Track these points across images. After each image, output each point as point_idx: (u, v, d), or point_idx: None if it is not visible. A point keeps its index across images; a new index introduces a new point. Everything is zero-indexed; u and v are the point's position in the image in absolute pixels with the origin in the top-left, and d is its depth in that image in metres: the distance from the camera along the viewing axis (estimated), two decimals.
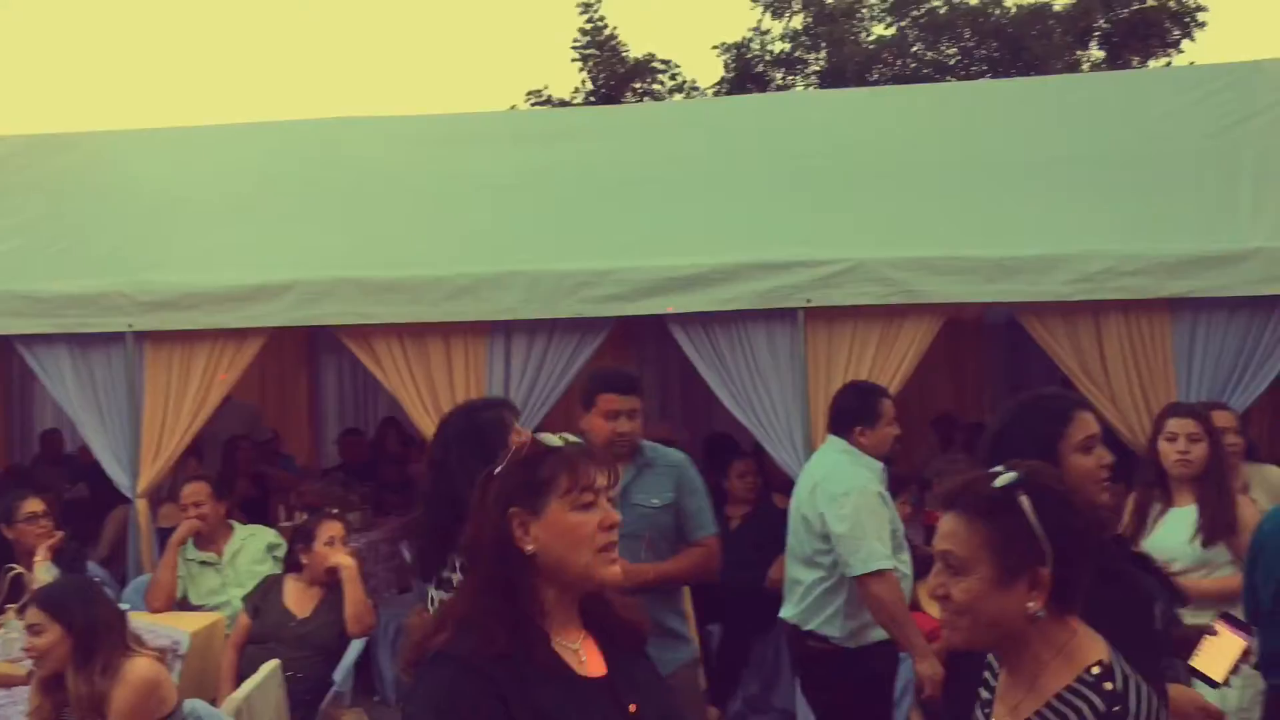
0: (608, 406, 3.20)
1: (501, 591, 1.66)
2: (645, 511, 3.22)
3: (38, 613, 2.96)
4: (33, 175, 6.79)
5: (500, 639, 1.62)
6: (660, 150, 6.59)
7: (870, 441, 3.54)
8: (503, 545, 1.66)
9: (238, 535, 4.84)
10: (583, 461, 1.70)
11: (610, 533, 1.69)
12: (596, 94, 18.12)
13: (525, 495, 1.67)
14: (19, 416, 9.16)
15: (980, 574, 1.59)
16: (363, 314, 5.04)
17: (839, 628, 3.41)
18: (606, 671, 1.72)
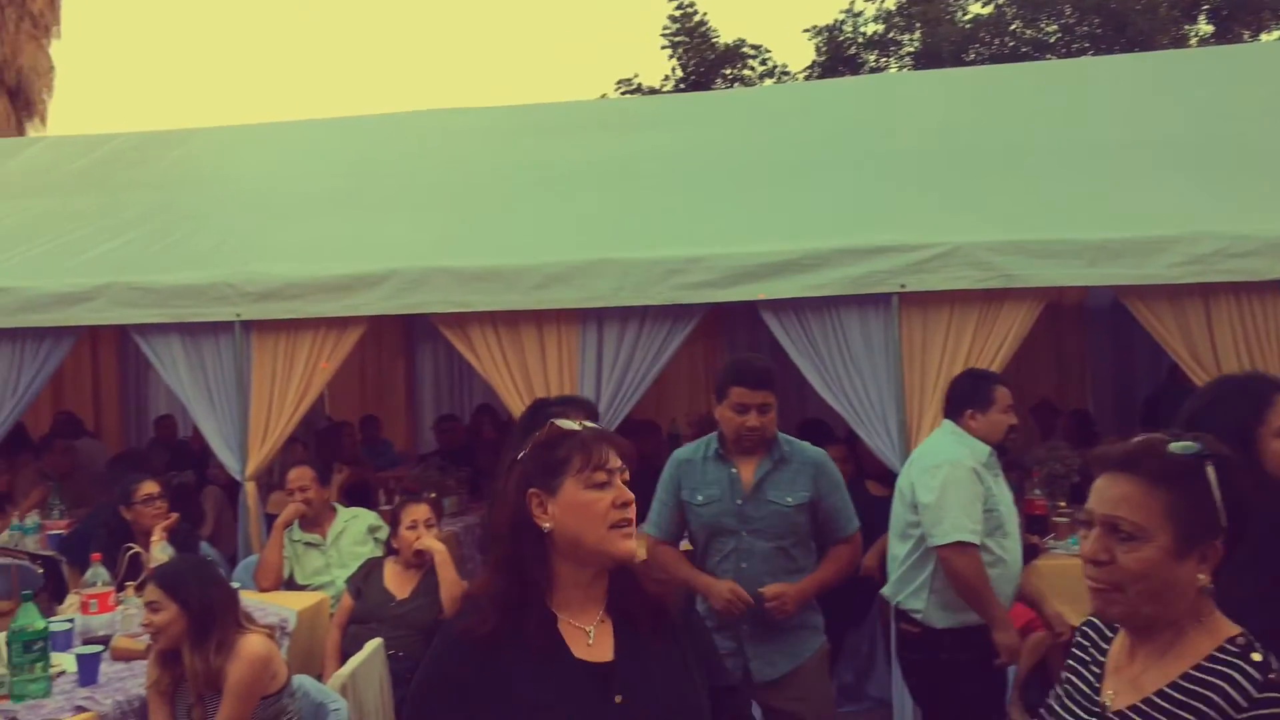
0: (738, 400, 3.18)
1: (512, 571, 1.73)
2: (779, 509, 3.20)
3: (156, 590, 3.09)
4: (145, 171, 7.08)
5: (491, 619, 1.69)
6: (751, 136, 6.57)
7: (980, 426, 3.48)
8: (521, 525, 1.73)
9: (340, 518, 4.98)
10: (596, 443, 1.76)
11: (624, 510, 1.73)
12: (686, 81, 18.09)
13: (543, 476, 1.75)
14: (134, 402, 9.57)
15: (1158, 542, 1.51)
16: (458, 302, 5.12)
17: (924, 601, 3.37)
18: (612, 658, 1.73)
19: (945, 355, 4.63)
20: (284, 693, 3.14)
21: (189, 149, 7.47)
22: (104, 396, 9.38)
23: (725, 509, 3.18)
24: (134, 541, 4.49)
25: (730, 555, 3.18)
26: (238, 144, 7.64)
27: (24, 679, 3.21)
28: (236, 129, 7.95)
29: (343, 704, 3.16)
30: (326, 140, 7.42)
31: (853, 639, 5.12)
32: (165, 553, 4.32)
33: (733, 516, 3.17)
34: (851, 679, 5.10)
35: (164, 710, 3.09)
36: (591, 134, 6.86)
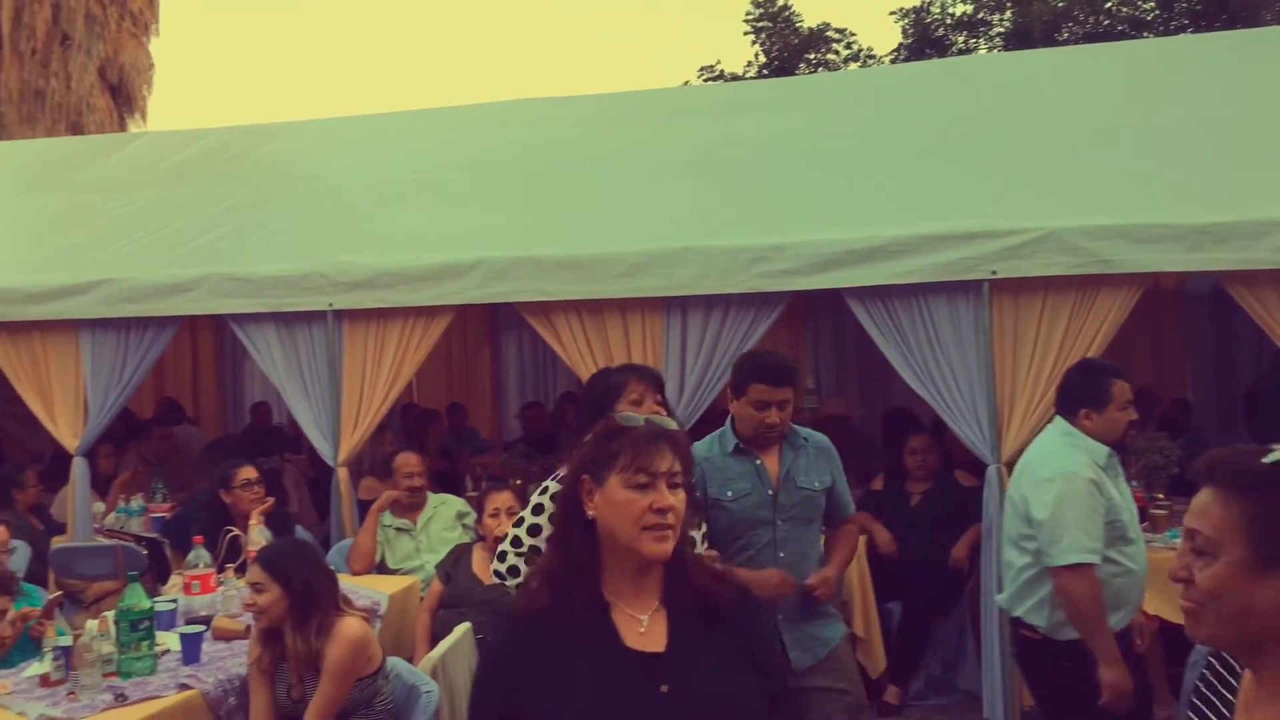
0: (758, 396, 3.14)
1: (565, 550, 1.78)
2: (810, 494, 3.20)
3: (260, 572, 3.18)
4: (240, 165, 7.27)
5: (543, 598, 1.74)
6: (836, 122, 6.49)
7: (1096, 425, 3.30)
8: (573, 507, 1.78)
9: (430, 504, 5.07)
10: (647, 444, 1.76)
11: (661, 515, 1.72)
12: (770, 67, 17.94)
13: (595, 464, 1.78)
14: (232, 389, 9.87)
15: (1230, 557, 1.37)
16: (543, 291, 5.16)
17: (1045, 618, 3.23)
18: (664, 648, 1.73)
19: (1038, 344, 4.52)
20: (379, 674, 3.22)
21: (282, 142, 7.65)
22: (202, 383, 9.69)
23: (758, 500, 3.15)
24: (233, 525, 4.64)
25: (767, 546, 3.15)
26: (329, 137, 7.80)
27: (131, 657, 3.34)
28: (327, 122, 8.12)
29: (434, 687, 3.23)
30: (414, 132, 7.53)
31: (940, 630, 5.05)
32: (263, 536, 4.45)
33: (767, 507, 3.15)
34: (939, 670, 5.04)
35: (264, 689, 3.19)
36: (675, 122, 6.85)
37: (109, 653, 3.34)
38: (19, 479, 5.83)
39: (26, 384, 5.90)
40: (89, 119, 14.28)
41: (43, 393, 5.87)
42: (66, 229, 6.62)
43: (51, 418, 5.87)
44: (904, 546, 5.15)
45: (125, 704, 3.12)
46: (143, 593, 3.46)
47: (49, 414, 5.87)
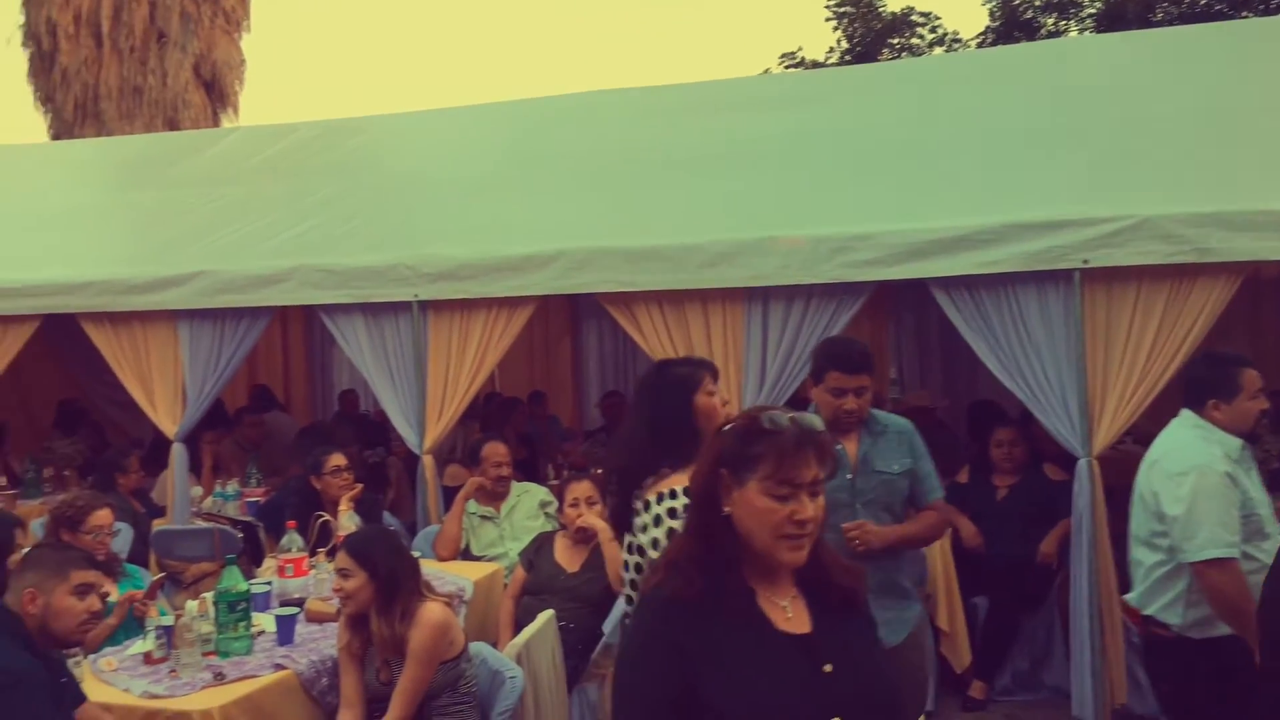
0: (835, 384, 3.18)
1: (705, 538, 1.77)
2: (888, 478, 3.23)
3: (347, 558, 3.27)
4: (329, 158, 7.43)
5: (696, 583, 1.72)
6: (920, 108, 6.39)
7: (1226, 417, 3.19)
8: (710, 498, 1.77)
9: (514, 492, 5.14)
10: (793, 453, 1.72)
11: (800, 526, 1.71)
12: (852, 53, 17.70)
13: (735, 463, 1.75)
14: (320, 378, 10.12)
15: None
16: (624, 281, 5.18)
17: (1180, 615, 3.13)
18: (811, 630, 1.76)
19: (1131, 335, 4.40)
20: (462, 658, 3.28)
21: (369, 136, 7.80)
22: (293, 372, 9.95)
23: (837, 484, 3.16)
24: (323, 510, 4.76)
25: None
26: (415, 130, 7.93)
27: (229, 637, 3.46)
28: (413, 115, 8.25)
29: (519, 673, 3.28)
30: (498, 124, 7.62)
31: (1028, 625, 4.97)
32: (352, 521, 4.56)
33: (845, 490, 3.17)
34: (1027, 666, 4.95)
35: (354, 671, 3.27)
36: (756, 110, 6.81)
37: (208, 633, 3.46)
38: (122, 463, 6.05)
39: (128, 372, 6.12)
40: (184, 114, 14.71)
41: (144, 380, 6.09)
42: (165, 222, 6.85)
43: (152, 404, 6.08)
44: (990, 541, 5.07)
45: (223, 682, 3.23)
46: (240, 575, 3.57)
47: (149, 401, 6.09)
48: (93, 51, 14.59)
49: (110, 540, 4.10)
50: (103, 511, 4.01)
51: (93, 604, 2.95)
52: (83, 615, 2.92)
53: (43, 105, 15.12)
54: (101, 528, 3.99)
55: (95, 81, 14.50)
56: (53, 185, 8.13)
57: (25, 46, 15.19)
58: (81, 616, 2.92)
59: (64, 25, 14.50)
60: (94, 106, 14.51)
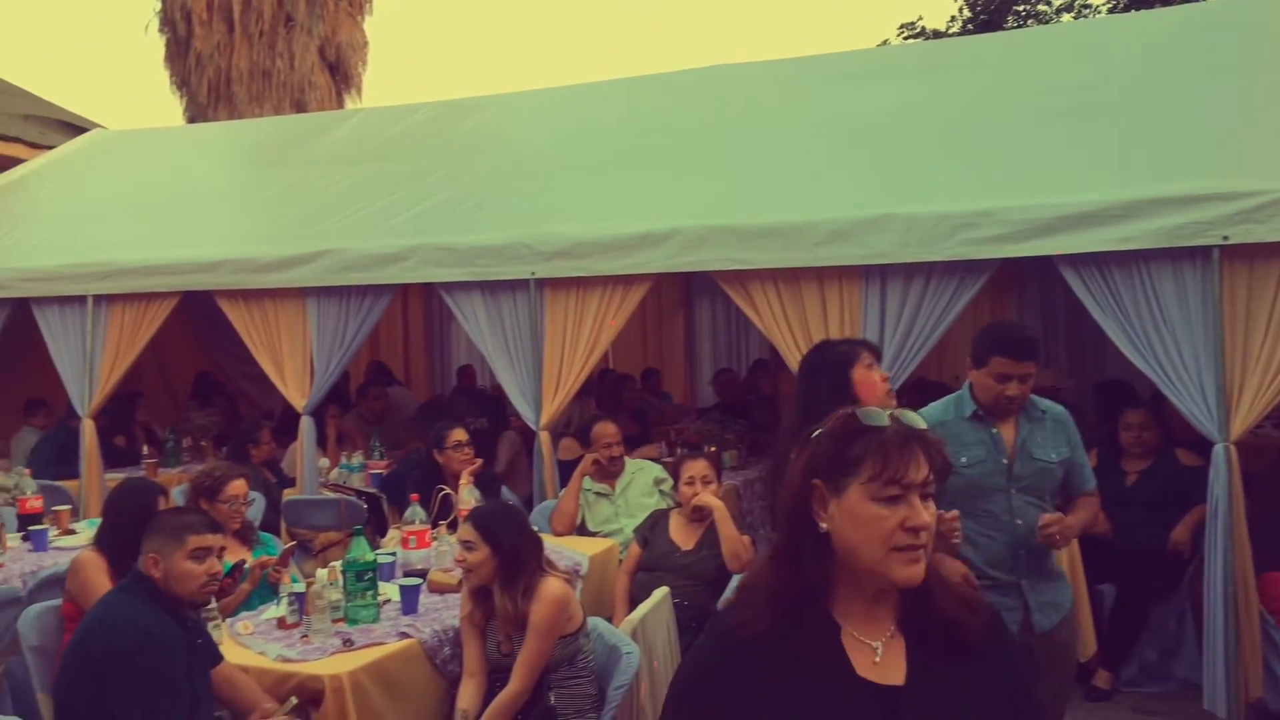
0: (1000, 369, 3.09)
1: (790, 563, 1.52)
2: (1045, 466, 3.15)
3: (471, 531, 3.34)
4: (448, 138, 7.57)
5: (765, 617, 1.49)
6: (1047, 78, 6.16)
7: None
8: (800, 515, 1.52)
9: (628, 469, 5.19)
10: (899, 450, 1.48)
11: (914, 534, 1.46)
12: (975, 21, 17.16)
13: (831, 469, 1.50)
14: (439, 353, 10.37)
15: None
16: (739, 260, 5.15)
17: None
18: (903, 681, 1.49)
19: (1274, 315, 4.17)
20: (580, 633, 3.34)
21: (487, 115, 7.91)
22: (412, 347, 10.22)
23: (993, 469, 3.11)
24: (444, 483, 4.88)
25: (1003, 515, 3.12)
26: (531, 108, 8.01)
27: (357, 604, 3.59)
28: (531, 94, 8.33)
29: (635, 649, 3.31)
30: (613, 101, 7.63)
31: (1158, 615, 4.80)
32: (472, 495, 4.67)
33: (1001, 476, 3.11)
34: (1155, 657, 4.79)
35: (476, 642, 3.36)
36: (873, 83, 6.67)
37: (337, 600, 3.59)
38: (255, 435, 6.32)
39: (260, 347, 6.37)
40: (310, 96, 15.17)
41: (274, 355, 6.33)
42: (293, 202, 7.08)
43: (282, 379, 6.32)
44: (1118, 527, 4.90)
45: (352, 649, 3.35)
46: (366, 546, 3.69)
47: (280, 375, 6.33)
48: (225, 36, 15.15)
49: (245, 509, 4.28)
50: (238, 482, 4.19)
51: (211, 566, 3.06)
52: (202, 578, 3.03)
53: (178, 89, 15.79)
54: (237, 497, 4.17)
55: (227, 66, 15.07)
56: (189, 167, 8.49)
57: (162, 33, 15.87)
58: (201, 579, 3.03)
59: (198, 12, 15.08)
60: (226, 90, 15.08)
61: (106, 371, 6.69)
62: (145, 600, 2.98)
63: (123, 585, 3.08)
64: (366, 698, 3.19)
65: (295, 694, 3.13)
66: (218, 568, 3.13)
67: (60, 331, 6.80)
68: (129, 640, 2.84)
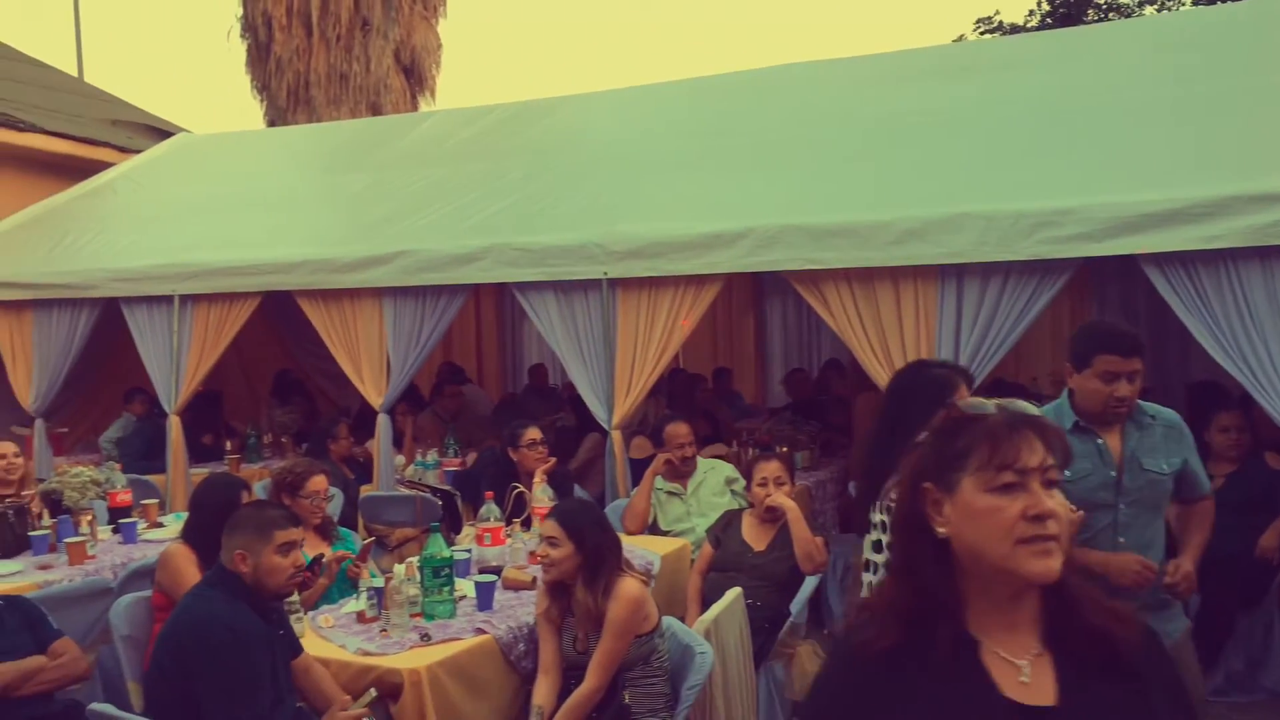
0: (1107, 368, 2.89)
1: (913, 577, 1.42)
2: (1156, 478, 2.97)
3: (556, 527, 3.37)
4: (522, 139, 7.64)
5: (893, 632, 1.38)
6: (1129, 73, 6.02)
7: None
8: (916, 525, 1.43)
9: (700, 469, 5.19)
10: (1008, 434, 1.38)
11: (1039, 524, 1.34)
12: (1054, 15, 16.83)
13: (939, 467, 1.41)
14: (511, 352, 10.47)
15: None
16: (812, 259, 5.13)
17: None
18: (1056, 702, 1.36)
19: None
20: (655, 633, 3.35)
21: (560, 116, 7.97)
22: (485, 346, 10.33)
23: (1099, 482, 2.93)
24: (519, 481, 4.93)
25: (1105, 530, 2.94)
26: (602, 109, 8.05)
27: (434, 600, 3.65)
28: (601, 94, 8.38)
29: (708, 649, 3.32)
30: (685, 100, 7.64)
31: (1244, 624, 4.67)
32: (545, 493, 4.71)
33: (1108, 490, 2.93)
34: (1242, 667, 4.66)
35: (552, 639, 3.39)
36: (949, 80, 6.58)
37: (415, 595, 3.65)
38: (333, 431, 6.45)
39: (339, 346, 6.50)
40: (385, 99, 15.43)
41: (352, 354, 6.46)
42: (370, 204, 7.21)
43: (360, 377, 6.45)
44: None
45: (429, 644, 3.41)
46: (443, 543, 3.75)
47: (358, 373, 6.45)
48: (303, 41, 15.47)
49: (326, 505, 4.37)
50: (319, 478, 4.29)
51: (296, 558, 3.16)
52: (289, 570, 3.14)
53: (259, 94, 16.16)
54: (318, 493, 4.27)
55: (305, 70, 15.39)
56: (270, 170, 8.70)
57: (243, 39, 16.26)
58: (289, 571, 3.14)
59: (277, 17, 15.43)
60: (304, 94, 15.41)
61: (192, 369, 6.89)
62: (229, 596, 3.06)
63: (207, 580, 3.18)
64: (444, 692, 3.24)
65: (374, 687, 3.20)
66: (302, 560, 3.22)
67: (148, 330, 7.02)
68: (214, 637, 2.93)
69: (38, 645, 3.49)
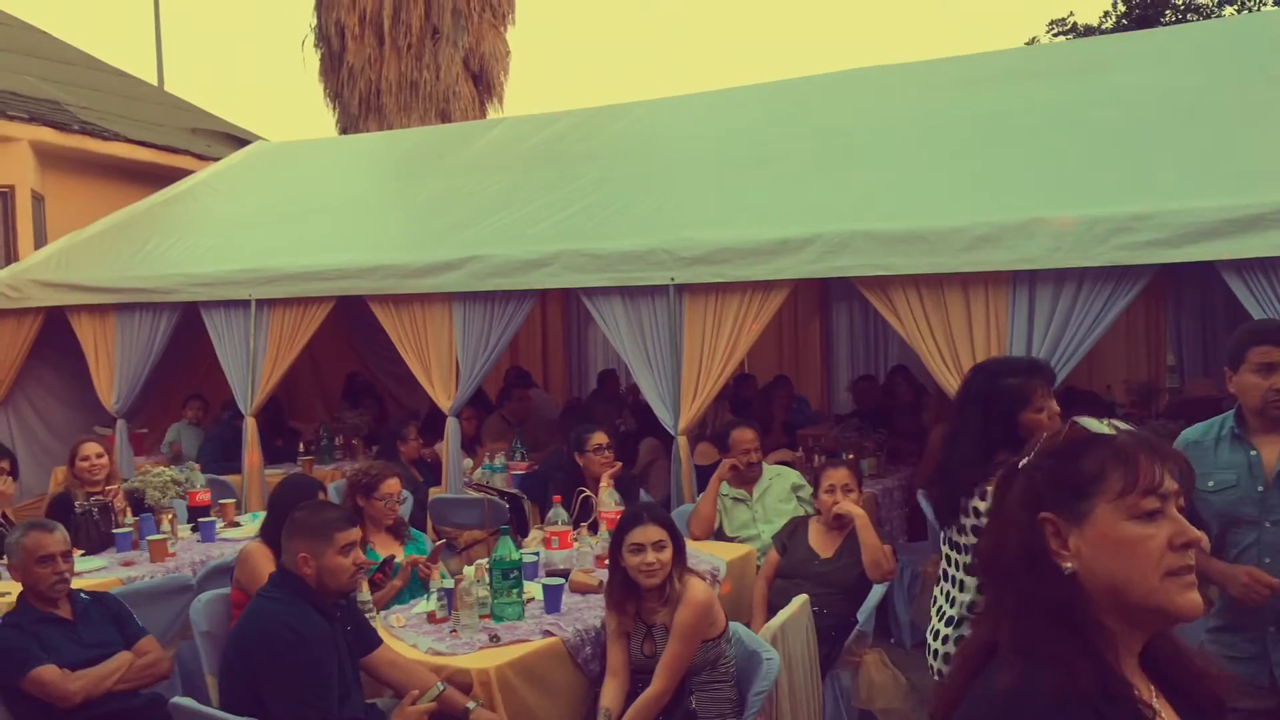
0: (1261, 359, 2.78)
1: (1052, 615, 1.26)
2: None
3: (660, 530, 3.38)
4: (590, 145, 7.70)
5: (1085, 674, 1.21)
6: (1207, 76, 5.89)
7: None
8: (1035, 560, 1.28)
9: (766, 475, 5.18)
10: (1145, 455, 1.26)
11: (1185, 554, 1.23)
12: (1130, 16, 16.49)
13: (1064, 495, 1.28)
14: (576, 357, 10.54)
15: None
16: (881, 265, 5.09)
17: None
18: None
19: None
20: (722, 638, 3.36)
21: (628, 122, 8.01)
22: (551, 350, 10.41)
23: (1243, 496, 2.81)
24: (585, 485, 4.97)
25: (1250, 549, 2.81)
26: (669, 115, 8.08)
27: (503, 602, 3.69)
28: (668, 100, 8.41)
29: (775, 655, 3.32)
30: (752, 106, 7.64)
31: None
32: (611, 497, 4.74)
33: (1253, 505, 2.79)
34: None
35: (620, 642, 3.41)
36: (1022, 83, 6.49)
37: (484, 597, 3.70)
38: (403, 433, 6.55)
39: (409, 349, 6.61)
40: (455, 106, 15.62)
41: (422, 358, 6.56)
42: (440, 210, 7.33)
43: (429, 380, 6.55)
44: None
45: (498, 645, 3.46)
46: (512, 545, 3.79)
47: (427, 377, 6.55)
48: (375, 50, 15.74)
49: (399, 507, 4.45)
50: (393, 481, 4.37)
51: (357, 557, 3.24)
52: (351, 569, 3.22)
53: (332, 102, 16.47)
54: (391, 495, 4.35)
55: (377, 78, 15.66)
56: (343, 177, 8.87)
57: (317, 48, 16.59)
58: (351, 570, 3.22)
59: (350, 26, 15.71)
60: (376, 101, 15.67)
61: (268, 372, 7.05)
62: (292, 597, 3.14)
63: (272, 581, 3.26)
64: (513, 692, 3.29)
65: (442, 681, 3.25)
66: (363, 558, 3.30)
67: (225, 333, 7.21)
68: (280, 639, 3.01)
69: (124, 641, 3.61)
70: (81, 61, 12.40)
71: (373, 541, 4.25)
